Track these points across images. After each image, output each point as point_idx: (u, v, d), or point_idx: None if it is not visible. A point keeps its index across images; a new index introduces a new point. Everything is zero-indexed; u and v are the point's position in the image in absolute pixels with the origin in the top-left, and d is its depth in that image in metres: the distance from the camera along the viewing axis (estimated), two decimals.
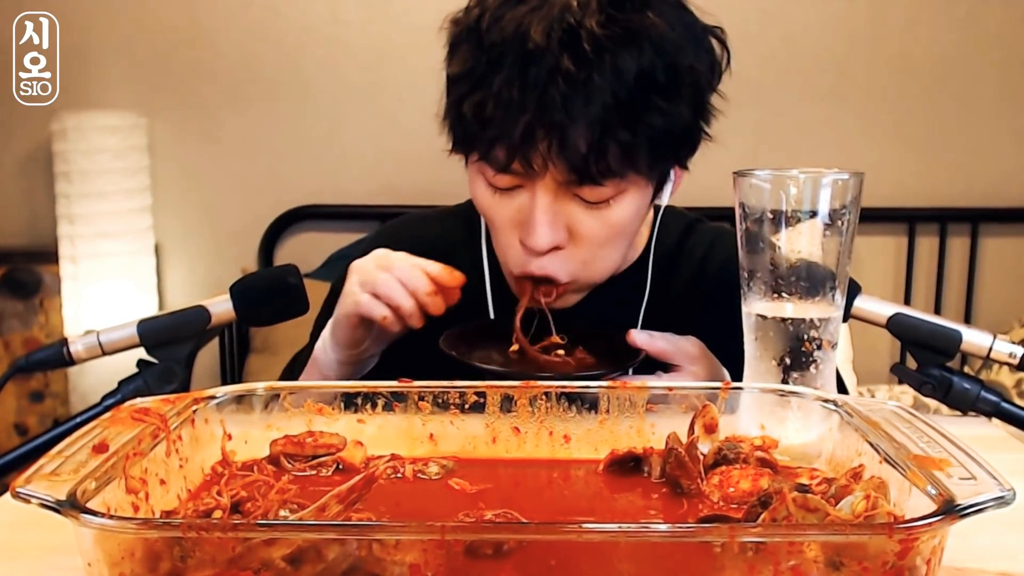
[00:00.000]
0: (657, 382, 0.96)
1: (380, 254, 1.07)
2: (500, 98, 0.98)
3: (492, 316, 1.22)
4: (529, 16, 0.98)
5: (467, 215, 1.23)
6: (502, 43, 0.98)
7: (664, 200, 1.17)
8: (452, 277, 1.05)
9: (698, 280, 1.22)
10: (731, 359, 1.01)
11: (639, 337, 1.04)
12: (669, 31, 0.99)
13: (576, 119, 0.97)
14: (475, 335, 1.09)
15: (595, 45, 0.96)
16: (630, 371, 1.05)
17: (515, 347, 1.07)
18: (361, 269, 1.06)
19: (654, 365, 1.05)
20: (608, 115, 0.97)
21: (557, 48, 0.96)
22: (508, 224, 1.07)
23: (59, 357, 0.99)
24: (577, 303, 1.14)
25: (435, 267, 1.05)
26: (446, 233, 1.27)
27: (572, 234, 1.05)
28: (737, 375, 0.97)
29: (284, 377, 1.22)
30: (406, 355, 1.08)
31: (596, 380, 0.87)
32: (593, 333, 1.10)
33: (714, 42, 1.06)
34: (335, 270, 1.11)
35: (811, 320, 0.85)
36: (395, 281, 1.03)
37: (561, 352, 1.08)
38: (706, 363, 1.06)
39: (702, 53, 1.04)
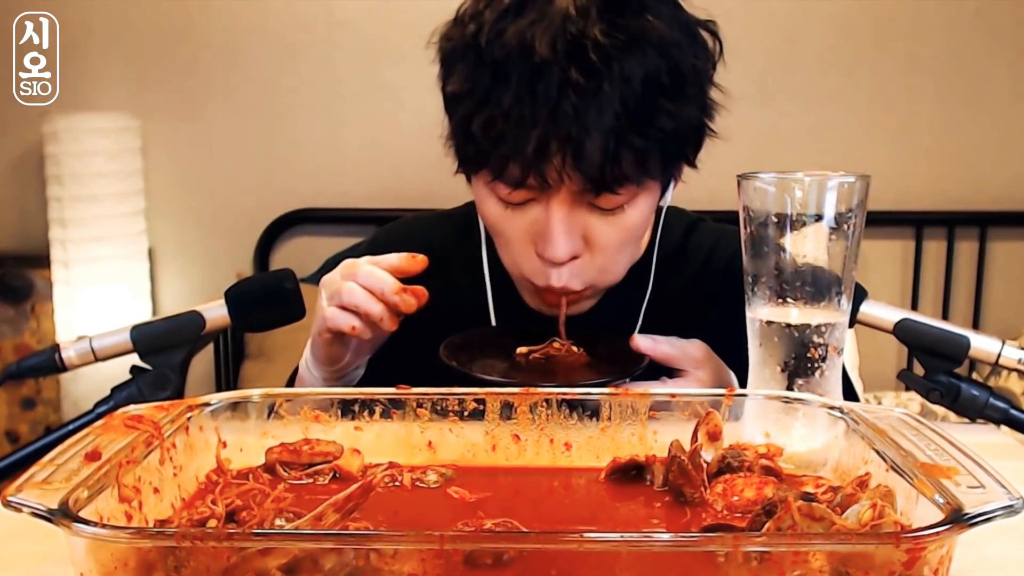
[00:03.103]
0: (660, 388, 0.95)
1: (345, 263, 1.06)
2: (510, 115, 0.97)
3: (494, 321, 1.21)
4: (531, 29, 0.97)
5: (465, 218, 1.23)
6: (506, 58, 0.97)
7: (667, 201, 1.17)
8: (413, 262, 1.03)
9: (701, 279, 1.21)
10: (737, 359, 1.00)
11: (643, 342, 1.03)
12: (669, 32, 0.99)
13: (590, 130, 0.96)
14: (477, 343, 1.08)
15: (601, 54, 0.96)
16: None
17: (521, 352, 1.06)
18: (328, 283, 1.05)
19: (659, 370, 1.05)
20: (620, 123, 0.97)
21: (564, 60, 0.96)
22: (522, 237, 1.07)
23: (51, 363, 0.98)
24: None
25: (394, 258, 1.04)
26: (443, 236, 1.26)
27: (588, 242, 1.05)
28: (743, 375, 0.96)
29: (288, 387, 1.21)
30: (404, 362, 1.07)
31: (601, 387, 0.86)
32: (596, 338, 1.09)
33: (707, 35, 1.06)
34: None
35: (816, 326, 0.84)
36: (359, 288, 1.01)
37: (575, 348, 1.07)
38: (712, 367, 1.05)
39: (699, 50, 1.05)
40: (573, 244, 1.04)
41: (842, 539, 0.58)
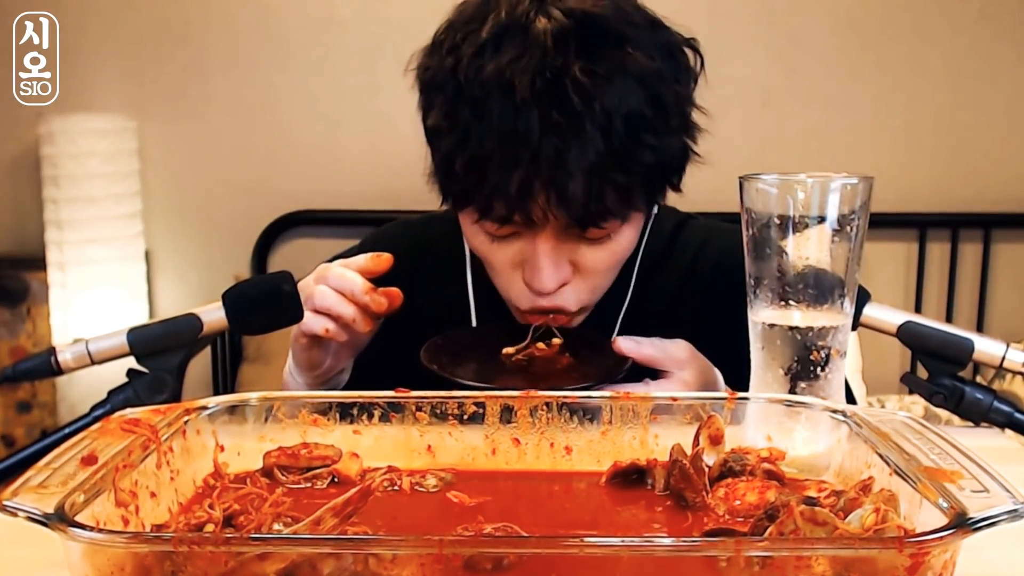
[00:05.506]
0: (660, 392, 0.95)
1: (319, 268, 1.06)
2: (492, 156, 0.97)
3: (475, 320, 1.21)
4: (511, 66, 0.96)
5: (452, 218, 1.23)
6: (486, 97, 0.97)
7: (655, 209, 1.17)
8: (379, 261, 1.04)
9: (689, 279, 1.21)
10: (730, 360, 1.00)
11: (625, 344, 1.03)
12: (649, 62, 0.99)
13: (572, 171, 0.96)
14: (458, 345, 1.07)
15: (582, 93, 0.95)
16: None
17: (505, 352, 1.06)
18: (302, 288, 1.06)
19: (642, 371, 1.04)
20: (602, 161, 0.97)
21: (544, 100, 0.95)
22: (510, 266, 1.07)
23: (47, 367, 0.97)
24: None
25: (362, 259, 1.04)
26: (430, 236, 1.28)
27: (577, 267, 1.06)
28: (735, 377, 0.95)
29: None
30: (391, 361, 1.07)
31: (584, 391, 0.86)
32: (578, 339, 1.08)
33: (688, 52, 1.05)
34: None
35: (819, 328, 0.84)
36: (330, 291, 1.02)
37: (557, 340, 1.07)
38: (696, 367, 1.04)
39: (681, 73, 1.04)
40: (561, 274, 1.04)
41: (845, 544, 0.58)
